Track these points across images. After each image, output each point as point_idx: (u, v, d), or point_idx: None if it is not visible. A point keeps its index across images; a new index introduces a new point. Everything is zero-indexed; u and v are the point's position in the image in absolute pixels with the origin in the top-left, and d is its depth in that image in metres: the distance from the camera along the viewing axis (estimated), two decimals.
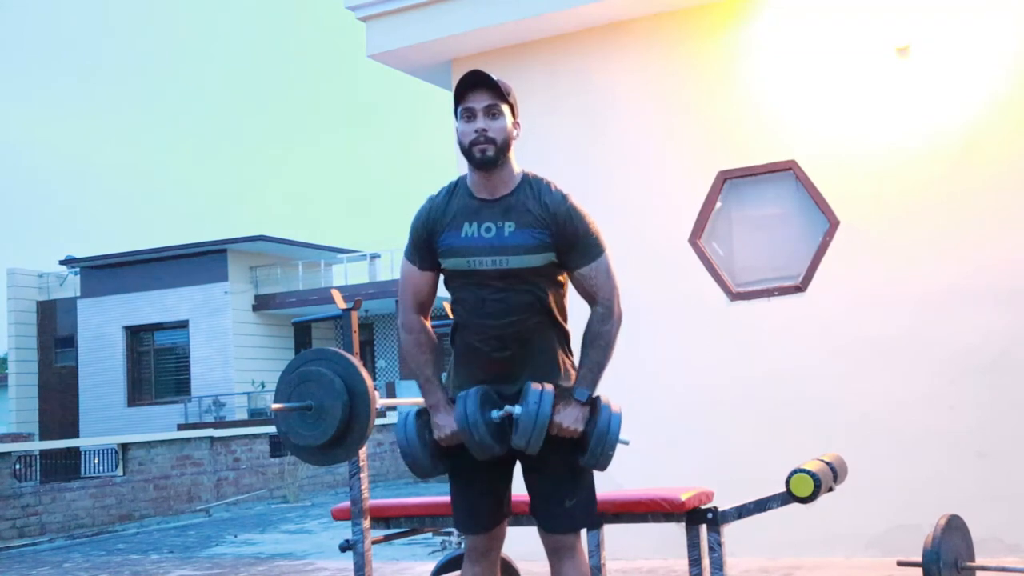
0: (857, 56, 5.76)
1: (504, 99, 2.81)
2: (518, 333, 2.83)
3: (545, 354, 2.88)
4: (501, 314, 2.81)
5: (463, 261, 2.82)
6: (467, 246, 2.81)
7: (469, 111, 2.80)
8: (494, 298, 2.81)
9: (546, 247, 2.79)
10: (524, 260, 2.78)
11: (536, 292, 2.83)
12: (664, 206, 6.23)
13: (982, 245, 5.43)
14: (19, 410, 26.62)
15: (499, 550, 3.01)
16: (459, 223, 2.83)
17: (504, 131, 2.79)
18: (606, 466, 2.81)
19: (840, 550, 5.55)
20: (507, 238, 2.78)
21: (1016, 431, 5.27)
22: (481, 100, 2.79)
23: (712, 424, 5.95)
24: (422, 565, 6.60)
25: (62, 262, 26.38)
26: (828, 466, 3.58)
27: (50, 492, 11.42)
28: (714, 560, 3.57)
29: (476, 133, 2.77)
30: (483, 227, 2.81)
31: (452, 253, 2.84)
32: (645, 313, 6.14)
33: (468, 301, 2.86)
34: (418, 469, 2.92)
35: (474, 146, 2.77)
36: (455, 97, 2.85)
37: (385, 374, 25.85)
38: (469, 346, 2.90)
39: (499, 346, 2.84)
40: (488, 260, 2.79)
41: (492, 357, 2.86)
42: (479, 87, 2.80)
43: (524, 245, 2.78)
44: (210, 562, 8.14)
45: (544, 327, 2.87)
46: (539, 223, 2.78)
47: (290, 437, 3.22)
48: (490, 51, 6.64)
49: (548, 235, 2.78)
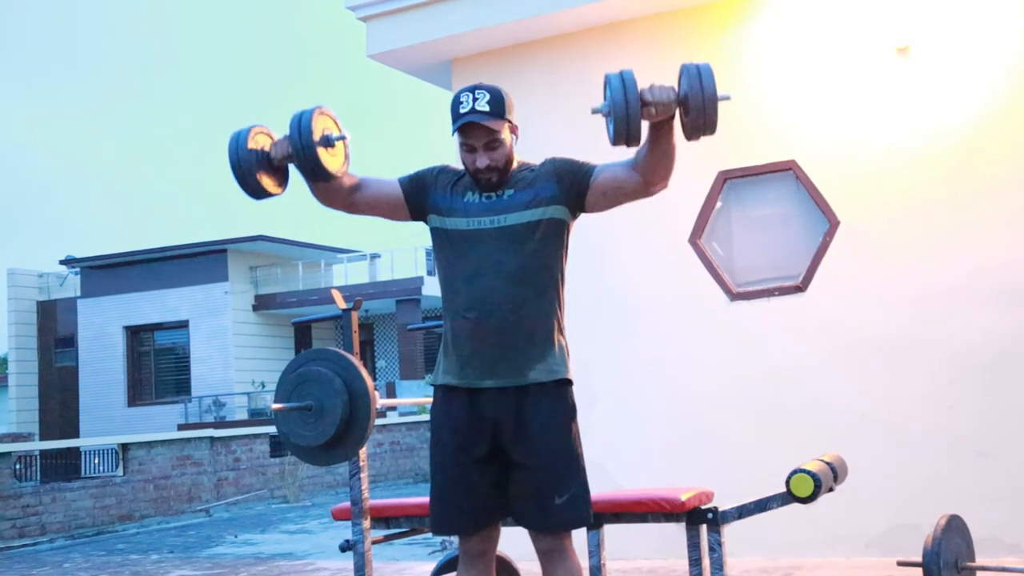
0: (857, 56, 5.76)
1: (501, 124, 2.79)
2: (512, 298, 2.78)
3: (540, 328, 2.81)
4: (498, 280, 2.77)
5: (463, 220, 2.85)
6: (467, 207, 2.86)
7: (469, 147, 2.81)
8: (491, 260, 2.79)
9: (541, 201, 2.83)
10: (522, 216, 2.81)
11: (533, 254, 2.81)
12: (664, 206, 6.19)
13: (982, 245, 5.43)
14: (19, 410, 26.62)
15: (494, 552, 2.94)
16: (462, 190, 2.90)
17: (505, 156, 2.84)
18: (714, 127, 2.62)
19: (840, 550, 5.55)
20: (506, 200, 2.85)
21: (1016, 431, 5.27)
22: (479, 138, 2.79)
23: (712, 424, 5.95)
24: (422, 565, 6.60)
25: (62, 262, 26.39)
26: (828, 466, 3.58)
27: (50, 492, 11.42)
28: (714, 560, 3.57)
29: (479, 166, 2.81)
30: (484, 195, 2.87)
31: (452, 212, 2.87)
32: (645, 313, 6.14)
33: (463, 264, 2.83)
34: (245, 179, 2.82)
35: (478, 174, 2.83)
36: (453, 121, 2.81)
37: (385, 374, 25.87)
38: (462, 318, 2.81)
39: (490, 312, 2.77)
40: (487, 220, 2.82)
41: (484, 329, 2.77)
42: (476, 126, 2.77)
43: (523, 201, 2.83)
44: (210, 562, 8.14)
45: (539, 295, 2.82)
46: (535, 182, 2.85)
47: (290, 437, 3.22)
48: (490, 51, 6.63)
49: (549, 187, 2.84)
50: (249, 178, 2.81)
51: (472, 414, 2.82)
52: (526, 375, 2.79)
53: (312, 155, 2.73)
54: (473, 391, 2.83)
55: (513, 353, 2.78)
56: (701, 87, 2.59)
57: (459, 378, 2.84)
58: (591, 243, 5.73)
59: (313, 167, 2.76)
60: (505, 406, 2.79)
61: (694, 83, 2.59)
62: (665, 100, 2.61)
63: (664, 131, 2.70)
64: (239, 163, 2.79)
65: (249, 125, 2.84)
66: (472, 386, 2.82)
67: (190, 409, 23.86)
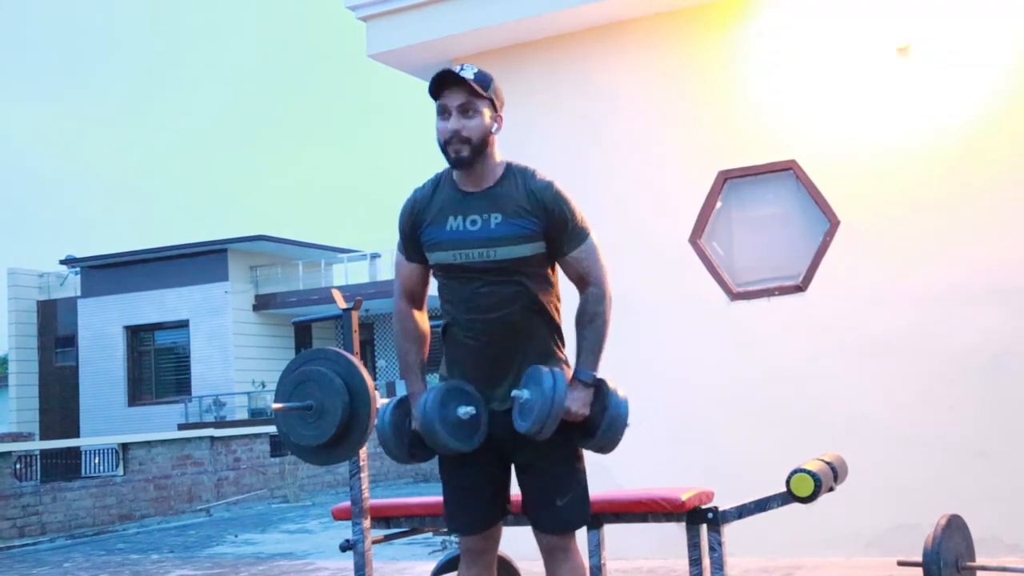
0: (857, 56, 5.76)
1: (480, 95, 2.75)
2: (508, 327, 2.79)
3: (536, 348, 2.84)
4: (490, 308, 2.77)
5: (449, 255, 2.80)
6: (453, 240, 2.79)
7: (444, 108, 2.76)
8: (483, 292, 2.78)
9: (534, 236, 2.77)
10: (512, 251, 2.76)
11: (526, 284, 2.80)
12: (664, 206, 6.23)
13: (982, 245, 5.43)
14: (19, 410, 26.62)
15: (495, 551, 2.97)
16: (444, 216, 2.81)
17: (480, 129, 2.74)
18: (612, 449, 2.84)
19: (840, 550, 5.55)
20: (494, 230, 2.76)
21: (1016, 431, 5.27)
22: (455, 98, 2.74)
23: (712, 424, 5.95)
24: (422, 565, 6.60)
25: (62, 262, 26.39)
26: (828, 466, 3.58)
27: (50, 492, 11.43)
28: (714, 560, 3.57)
29: (450, 133, 2.73)
30: (468, 220, 2.78)
31: (438, 247, 2.82)
32: (645, 313, 6.14)
33: (457, 295, 2.83)
34: (392, 455, 2.96)
35: (448, 145, 2.75)
36: (431, 92, 2.80)
37: (385, 374, 25.86)
38: (459, 343, 2.86)
39: (489, 340, 2.80)
40: (475, 253, 2.77)
41: (481, 354, 2.82)
42: (453, 84, 2.75)
43: (512, 236, 2.75)
44: (210, 562, 8.14)
45: (535, 321, 2.83)
46: (526, 212, 2.76)
47: (290, 437, 3.22)
48: (490, 51, 6.63)
49: (536, 223, 2.76)
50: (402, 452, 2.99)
51: None
52: None
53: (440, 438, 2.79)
54: None
55: (514, 375, 2.81)
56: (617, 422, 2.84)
57: None
58: None
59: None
60: (508, 425, 2.80)
61: (613, 414, 2.83)
62: (579, 413, 2.80)
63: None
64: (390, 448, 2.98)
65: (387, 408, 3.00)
66: None
67: (190, 409, 23.85)
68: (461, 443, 2.76)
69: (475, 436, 2.78)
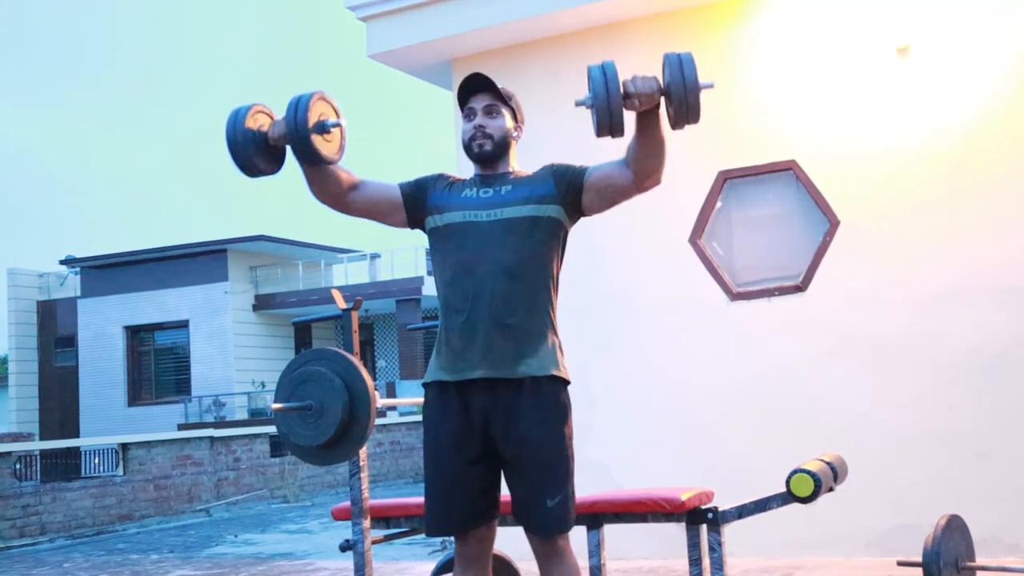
0: (857, 56, 5.76)
1: (504, 101, 2.96)
2: (506, 291, 2.77)
3: (534, 324, 2.81)
4: (491, 270, 2.78)
5: (458, 214, 2.88)
6: (464, 203, 2.90)
7: (470, 111, 2.96)
8: (486, 253, 2.79)
9: (537, 199, 2.85)
10: (519, 210, 2.84)
11: (529, 249, 2.81)
12: (664, 206, 6.22)
13: (982, 245, 5.43)
14: (19, 410, 26.63)
15: (489, 554, 2.92)
16: (460, 189, 2.95)
17: (502, 129, 2.93)
18: (698, 115, 2.65)
19: (840, 550, 5.55)
20: (504, 195, 2.89)
21: (1016, 431, 5.27)
22: (481, 101, 2.94)
23: (712, 424, 5.95)
24: (422, 565, 6.60)
25: (62, 262, 26.39)
26: (828, 466, 3.58)
27: (50, 492, 11.42)
28: (714, 560, 3.57)
29: (475, 129, 2.92)
30: (482, 190, 2.92)
31: (448, 207, 2.90)
32: (645, 313, 6.14)
33: (458, 257, 2.83)
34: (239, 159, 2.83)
35: (473, 141, 2.93)
36: (459, 100, 3.02)
37: (385, 374, 25.88)
38: (451, 316, 2.82)
39: (484, 303, 2.77)
40: (484, 213, 2.86)
41: (478, 323, 2.77)
42: (479, 90, 2.95)
43: (520, 197, 2.87)
44: (210, 562, 8.14)
45: (533, 292, 2.81)
46: (535, 182, 2.90)
47: (290, 437, 3.22)
48: (490, 51, 6.64)
49: (543, 187, 2.88)
50: (243, 155, 2.83)
51: (463, 413, 2.81)
52: (516, 368, 2.77)
53: (306, 138, 2.75)
54: (464, 388, 2.81)
55: (504, 344, 2.77)
56: (683, 76, 2.61)
57: (450, 372, 2.82)
58: (591, 243, 5.73)
59: (306, 150, 2.77)
60: (495, 400, 2.77)
61: (675, 72, 2.62)
62: (647, 90, 2.64)
63: (650, 122, 2.71)
64: (235, 140, 2.81)
65: (250, 103, 2.86)
66: (463, 378, 2.80)
67: (190, 409, 23.86)
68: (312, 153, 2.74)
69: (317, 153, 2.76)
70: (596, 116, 2.60)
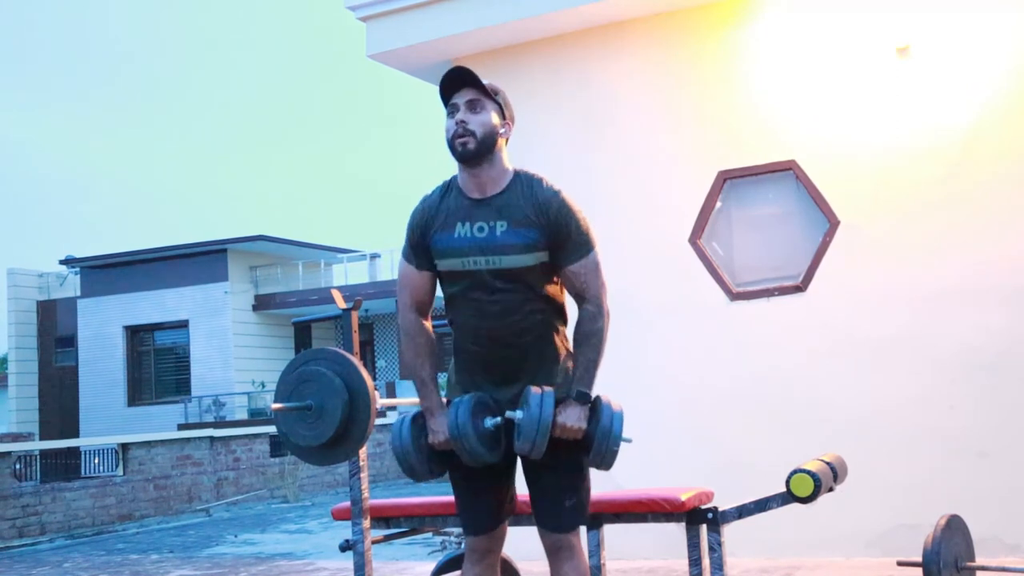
0: (857, 56, 5.76)
1: (488, 95, 2.82)
2: (516, 334, 2.82)
3: (545, 354, 2.87)
4: (498, 315, 2.80)
5: (457, 262, 2.82)
6: (461, 247, 2.81)
7: (452, 106, 2.83)
8: (490, 299, 2.80)
9: (537, 246, 2.78)
10: (516, 260, 2.77)
11: (533, 291, 2.82)
12: (664, 206, 6.23)
13: (982, 245, 5.43)
14: (19, 410, 26.62)
15: (499, 551, 3.01)
16: (452, 223, 2.83)
17: (486, 125, 2.78)
18: (611, 465, 2.81)
19: (840, 550, 5.55)
20: (499, 237, 2.78)
21: (1016, 431, 5.27)
22: (463, 96, 2.81)
23: (712, 424, 5.95)
24: (422, 565, 6.60)
25: (62, 262, 26.38)
26: (828, 466, 3.58)
27: (50, 492, 11.42)
28: (714, 560, 3.57)
29: (457, 126, 2.79)
30: (476, 227, 2.80)
31: (446, 254, 2.83)
32: (645, 313, 6.14)
33: (464, 302, 2.85)
34: (412, 473, 2.94)
35: (456, 139, 2.79)
36: (442, 95, 2.86)
37: (385, 374, 25.85)
38: (467, 349, 2.89)
39: (497, 347, 2.83)
40: (482, 260, 2.79)
41: (490, 359, 2.85)
42: (463, 85, 2.82)
43: (516, 244, 2.77)
44: (210, 562, 8.14)
45: (542, 327, 2.86)
46: (531, 221, 2.77)
47: (290, 437, 3.21)
48: (490, 51, 6.63)
49: (540, 233, 2.77)
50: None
51: None
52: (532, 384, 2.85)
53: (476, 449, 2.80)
54: None
55: (525, 381, 2.83)
56: (610, 436, 2.80)
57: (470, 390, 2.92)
58: None
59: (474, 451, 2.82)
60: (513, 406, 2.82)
61: (605, 429, 2.80)
62: (574, 429, 2.78)
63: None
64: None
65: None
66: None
67: (190, 409, 23.85)
68: (490, 453, 2.79)
69: (498, 447, 2.81)
70: (520, 441, 2.73)
